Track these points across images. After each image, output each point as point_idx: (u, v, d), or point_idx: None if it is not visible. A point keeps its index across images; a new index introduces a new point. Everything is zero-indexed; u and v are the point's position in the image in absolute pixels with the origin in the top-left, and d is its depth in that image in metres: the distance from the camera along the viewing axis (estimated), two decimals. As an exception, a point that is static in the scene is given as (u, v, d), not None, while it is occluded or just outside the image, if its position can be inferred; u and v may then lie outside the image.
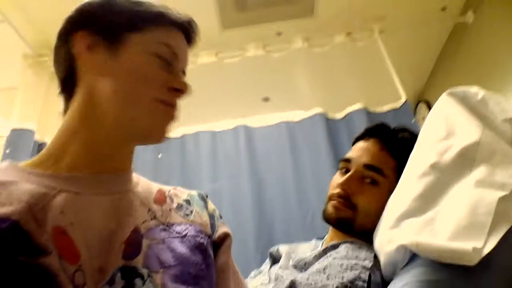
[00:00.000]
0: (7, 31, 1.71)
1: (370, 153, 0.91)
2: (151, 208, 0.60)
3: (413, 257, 0.63)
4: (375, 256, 0.75)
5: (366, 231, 0.83)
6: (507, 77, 1.63)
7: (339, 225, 0.89)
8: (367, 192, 0.87)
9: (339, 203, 0.88)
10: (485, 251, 0.53)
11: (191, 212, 0.65)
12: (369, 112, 1.62)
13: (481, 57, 1.83)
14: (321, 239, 0.99)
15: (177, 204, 0.65)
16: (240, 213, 1.41)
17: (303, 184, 1.45)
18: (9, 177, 0.49)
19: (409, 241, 0.62)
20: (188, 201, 0.67)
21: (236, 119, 1.69)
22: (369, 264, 0.73)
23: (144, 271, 0.50)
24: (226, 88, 1.95)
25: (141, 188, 0.62)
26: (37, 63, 1.80)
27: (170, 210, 0.62)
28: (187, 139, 1.64)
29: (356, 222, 0.86)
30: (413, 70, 2.22)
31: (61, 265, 0.43)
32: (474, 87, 0.77)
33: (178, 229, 0.60)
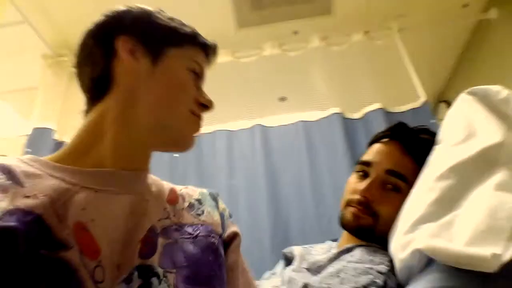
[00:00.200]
0: (27, 32, 1.76)
1: (392, 158, 0.86)
2: (166, 207, 0.61)
3: (429, 262, 0.61)
4: (390, 260, 0.73)
5: (385, 237, 0.80)
6: (533, 76, 1.58)
7: (358, 232, 0.85)
8: (389, 199, 0.82)
9: (358, 210, 0.84)
10: (505, 258, 0.50)
11: (203, 212, 0.66)
12: (387, 112, 1.58)
13: (505, 56, 1.77)
14: (335, 241, 0.97)
15: (188, 203, 0.66)
16: (256, 212, 1.41)
17: (319, 183, 1.44)
18: (33, 169, 0.51)
19: (424, 246, 0.59)
20: (199, 200, 0.68)
21: (252, 120, 1.68)
22: (383, 269, 0.71)
23: (160, 270, 0.51)
24: (242, 87, 1.94)
25: (155, 187, 0.63)
26: (56, 63, 1.84)
27: (182, 209, 0.64)
28: (204, 138, 1.64)
29: (376, 229, 0.82)
30: (433, 69, 2.17)
31: (81, 260, 0.44)
32: (496, 86, 0.74)
33: (189, 230, 0.60)
